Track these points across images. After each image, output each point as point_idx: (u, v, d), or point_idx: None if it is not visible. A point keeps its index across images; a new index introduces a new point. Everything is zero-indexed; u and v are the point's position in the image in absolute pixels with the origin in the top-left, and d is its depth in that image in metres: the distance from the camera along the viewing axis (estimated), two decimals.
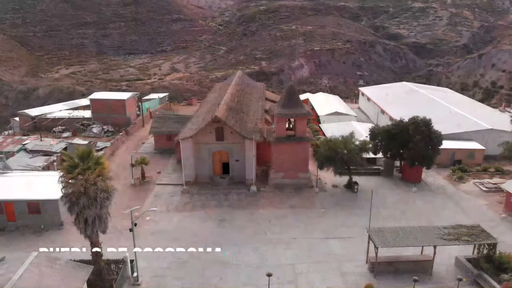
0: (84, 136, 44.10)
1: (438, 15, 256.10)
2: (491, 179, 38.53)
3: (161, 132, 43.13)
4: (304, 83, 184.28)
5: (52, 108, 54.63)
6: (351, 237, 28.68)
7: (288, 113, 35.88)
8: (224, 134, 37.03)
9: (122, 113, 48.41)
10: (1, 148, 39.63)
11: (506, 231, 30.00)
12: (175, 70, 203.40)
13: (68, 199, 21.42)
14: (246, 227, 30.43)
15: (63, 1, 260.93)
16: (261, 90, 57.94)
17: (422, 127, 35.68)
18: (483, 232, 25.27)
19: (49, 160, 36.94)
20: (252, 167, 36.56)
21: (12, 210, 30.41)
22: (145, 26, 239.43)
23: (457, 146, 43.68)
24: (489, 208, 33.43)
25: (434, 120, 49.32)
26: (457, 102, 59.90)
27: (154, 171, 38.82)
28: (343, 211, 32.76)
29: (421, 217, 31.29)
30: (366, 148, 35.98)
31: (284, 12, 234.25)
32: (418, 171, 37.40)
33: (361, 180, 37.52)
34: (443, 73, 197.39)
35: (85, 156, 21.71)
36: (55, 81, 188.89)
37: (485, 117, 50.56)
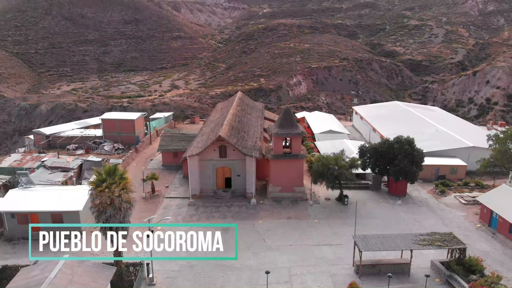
0: (97, 154, 48.31)
1: (434, 33, 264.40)
2: (470, 192, 42.71)
3: (168, 150, 47.45)
4: (302, 99, 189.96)
5: (65, 127, 59.01)
6: (340, 244, 32.67)
7: (285, 132, 40.27)
8: (227, 151, 41.34)
9: (132, 132, 52.83)
10: (22, 164, 43.75)
11: (479, 238, 34.05)
12: (175, 87, 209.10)
13: (96, 209, 25.51)
14: (247, 236, 34.35)
15: (65, 19, 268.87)
16: (260, 109, 62.52)
17: (405, 145, 40.04)
18: (454, 238, 29.37)
19: (67, 175, 41.09)
20: (252, 181, 40.73)
21: (37, 221, 34.32)
22: (145, 43, 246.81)
23: (441, 162, 48.00)
24: (466, 219, 37.53)
25: (421, 138, 54.03)
26: (445, 121, 64.54)
27: (162, 185, 42.94)
28: (334, 221, 36.80)
29: (403, 227, 35.34)
30: (355, 164, 40.26)
31: (282, 30, 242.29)
32: (403, 186, 41.61)
33: (351, 193, 41.71)
34: (439, 90, 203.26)
35: (112, 172, 25.93)
36: (57, 97, 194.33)
37: (469, 135, 54.96)
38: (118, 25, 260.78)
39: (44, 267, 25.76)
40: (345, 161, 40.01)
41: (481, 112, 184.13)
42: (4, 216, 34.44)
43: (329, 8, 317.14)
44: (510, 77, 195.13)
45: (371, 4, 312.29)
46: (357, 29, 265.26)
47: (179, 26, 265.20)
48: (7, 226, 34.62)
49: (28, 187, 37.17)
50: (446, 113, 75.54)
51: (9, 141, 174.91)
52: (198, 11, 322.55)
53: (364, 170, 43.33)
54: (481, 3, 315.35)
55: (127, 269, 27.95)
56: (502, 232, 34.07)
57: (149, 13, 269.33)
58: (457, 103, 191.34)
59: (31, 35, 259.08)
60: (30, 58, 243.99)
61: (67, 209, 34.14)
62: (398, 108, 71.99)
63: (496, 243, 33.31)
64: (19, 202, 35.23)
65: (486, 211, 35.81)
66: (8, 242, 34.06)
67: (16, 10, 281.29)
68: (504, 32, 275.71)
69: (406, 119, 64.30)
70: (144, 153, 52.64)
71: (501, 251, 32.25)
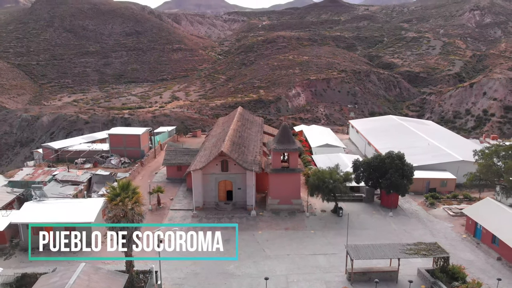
0: (104, 167, 51.17)
1: (431, 45, 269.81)
2: (459, 205, 45.52)
3: (172, 164, 50.35)
4: (301, 111, 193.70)
5: (73, 141, 61.94)
6: (334, 253, 35.38)
7: (282, 148, 43.27)
8: (229, 166, 44.25)
9: (137, 146, 55.78)
10: (34, 178, 46.55)
11: (464, 248, 36.79)
12: (176, 98, 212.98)
13: (111, 221, 28.30)
14: (247, 246, 37.06)
15: (67, 31, 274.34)
16: (260, 124, 65.65)
17: (396, 160, 43.00)
18: (438, 248, 32.13)
19: (77, 188, 43.87)
20: (252, 194, 43.57)
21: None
22: (146, 55, 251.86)
23: (432, 176, 50.93)
24: (453, 229, 40.30)
25: (414, 152, 57.08)
26: (438, 135, 67.68)
27: (167, 198, 45.73)
28: (329, 232, 39.54)
29: (394, 237, 38.08)
30: (348, 178, 43.16)
31: (281, 42, 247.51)
32: (394, 198, 44.43)
33: (346, 205, 44.52)
34: (436, 101, 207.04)
35: (125, 187, 28.80)
36: (58, 109, 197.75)
37: (460, 149, 57.92)
38: (119, 37, 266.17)
39: (63, 274, 28.38)
40: (339, 175, 42.91)
41: (478, 123, 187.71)
42: (20, 228, 37.15)
43: (328, 20, 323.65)
44: (506, 89, 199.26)
45: (369, 16, 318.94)
46: (355, 41, 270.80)
47: (180, 38, 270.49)
48: (22, 237, 37.31)
49: (42, 200, 39.91)
50: (439, 127, 78.67)
51: (10, 152, 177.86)
52: (198, 23, 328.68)
53: (358, 184, 46.18)
54: (478, 15, 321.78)
55: (137, 276, 30.61)
56: (486, 242, 36.82)
57: (150, 25, 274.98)
58: (454, 115, 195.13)
59: (32, 47, 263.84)
60: (31, 70, 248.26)
61: (79, 221, 36.82)
62: (393, 122, 75.17)
63: (480, 253, 36.02)
64: (34, 214, 37.95)
65: (471, 223, 38.61)
66: (24, 252, 36.70)
67: (18, 22, 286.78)
68: (501, 43, 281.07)
69: (400, 133, 67.40)
70: (149, 167, 55.55)
71: (484, 260, 34.94)
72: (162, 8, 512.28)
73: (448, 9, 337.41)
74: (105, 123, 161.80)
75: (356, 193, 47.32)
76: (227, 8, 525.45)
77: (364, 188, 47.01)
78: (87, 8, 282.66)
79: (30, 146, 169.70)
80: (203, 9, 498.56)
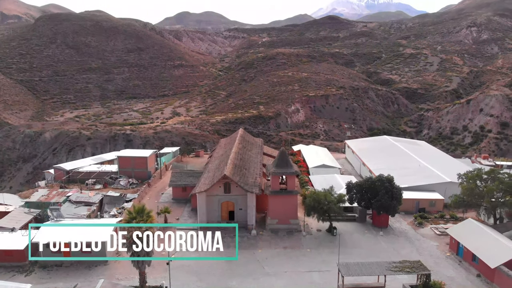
0: (114, 188, 55.05)
1: (429, 61, 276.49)
2: (445, 224, 49.32)
3: (178, 185, 54.31)
4: (300, 127, 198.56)
5: (82, 162, 65.99)
6: (328, 270, 39.06)
7: (281, 171, 47.32)
8: (231, 187, 48.24)
9: (144, 168, 59.82)
10: (49, 199, 50.42)
11: (447, 266, 40.50)
12: (177, 114, 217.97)
13: (128, 241, 32.13)
14: (248, 264, 40.75)
15: (69, 47, 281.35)
16: (260, 145, 69.85)
17: (386, 183, 46.99)
18: (421, 265, 35.91)
19: (90, 209, 47.72)
20: (253, 214, 47.43)
21: (69, 250, 40.74)
22: (148, 71, 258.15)
23: (421, 196, 54.85)
24: (438, 248, 44.04)
25: (405, 173, 61.12)
26: (429, 156, 71.78)
27: (173, 218, 49.51)
28: (324, 250, 43.26)
29: (383, 255, 41.75)
30: (342, 199, 47.09)
31: (281, 59, 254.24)
32: (385, 218, 48.27)
33: (340, 225, 48.31)
34: (434, 117, 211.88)
35: (140, 211, 32.74)
36: (61, 125, 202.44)
37: (449, 170, 61.76)
38: (121, 53, 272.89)
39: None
40: (333, 197, 46.84)
41: (475, 139, 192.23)
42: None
43: (327, 37, 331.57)
44: (503, 105, 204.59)
45: (367, 33, 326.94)
46: (353, 58, 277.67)
47: (181, 55, 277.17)
48: (42, 255, 40.95)
49: (59, 220, 43.76)
50: (431, 147, 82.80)
51: (13, 168, 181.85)
52: (199, 39, 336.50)
53: (351, 204, 50.06)
54: (475, 31, 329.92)
55: None
56: (467, 260, 40.55)
57: (151, 42, 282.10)
58: (451, 131, 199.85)
59: (35, 63, 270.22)
60: (34, 86, 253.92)
61: (94, 240, 40.56)
62: (387, 143, 79.38)
63: (462, 270, 39.72)
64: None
65: (454, 242, 42.38)
66: (43, 269, 40.42)
67: (21, 38, 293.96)
68: (498, 60, 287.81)
69: (393, 154, 71.54)
70: (155, 187, 59.47)
71: (465, 276, 38.64)
72: (163, 24, 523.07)
73: (445, 26, 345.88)
74: (107, 139, 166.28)
75: (349, 213, 51.19)
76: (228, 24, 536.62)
77: (357, 209, 50.83)
78: (89, 25, 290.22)
79: (33, 161, 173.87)
80: (204, 25, 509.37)
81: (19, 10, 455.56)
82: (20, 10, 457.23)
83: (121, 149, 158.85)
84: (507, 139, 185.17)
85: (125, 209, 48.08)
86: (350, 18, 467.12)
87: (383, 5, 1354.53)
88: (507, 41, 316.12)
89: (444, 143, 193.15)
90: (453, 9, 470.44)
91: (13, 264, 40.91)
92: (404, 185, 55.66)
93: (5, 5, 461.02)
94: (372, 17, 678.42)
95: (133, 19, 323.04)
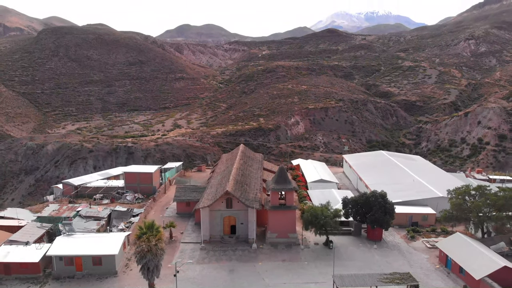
0: (121, 203, 58.12)
1: (427, 74, 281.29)
2: (436, 238, 52.27)
3: (182, 200, 57.42)
4: (300, 139, 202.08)
5: (90, 177, 69.14)
6: (324, 282, 41.98)
7: (280, 188, 50.50)
8: (233, 203, 51.34)
9: (150, 183, 63.00)
10: (60, 214, 53.47)
11: (436, 277, 43.43)
12: (178, 126, 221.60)
13: (139, 255, 35.19)
14: (249, 276, 43.65)
15: (71, 60, 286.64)
16: (260, 160, 73.11)
17: (379, 199, 50.12)
18: (410, 277, 38.88)
19: (99, 223, 50.76)
20: (253, 229, 50.44)
21: (80, 263, 43.76)
22: (149, 84, 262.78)
23: (414, 211, 57.88)
24: (429, 260, 46.98)
25: (399, 188, 64.25)
26: (423, 171, 74.95)
27: (178, 231, 52.51)
28: (321, 263, 46.19)
29: (376, 267, 44.70)
30: (337, 214, 50.17)
31: (281, 71, 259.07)
32: (379, 232, 51.27)
33: (336, 238, 51.31)
34: (432, 130, 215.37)
35: (150, 227, 35.87)
36: (63, 137, 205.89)
37: (441, 185, 64.77)
38: (122, 66, 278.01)
39: None
40: (330, 212, 49.93)
41: (473, 151, 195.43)
42: (54, 259, 43.84)
43: (326, 50, 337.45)
44: (500, 118, 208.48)
45: (366, 45, 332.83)
46: (352, 70, 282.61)
47: (182, 68, 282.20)
48: (55, 267, 43.93)
49: (70, 234, 46.79)
50: (426, 162, 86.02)
51: (15, 180, 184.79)
52: (200, 52, 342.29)
53: (347, 218, 53.12)
54: (473, 44, 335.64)
55: None
56: (455, 272, 43.48)
57: (153, 55, 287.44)
58: (450, 143, 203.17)
59: (37, 76, 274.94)
60: (36, 98, 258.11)
61: (105, 253, 43.63)
62: (382, 158, 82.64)
63: (449, 281, 42.63)
64: (65, 247, 44.73)
65: (443, 255, 45.35)
66: (56, 280, 43.27)
67: (24, 51, 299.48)
68: (496, 72, 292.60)
69: (388, 169, 74.75)
70: (160, 202, 62.54)
71: (452, 287, 41.51)
72: (164, 36, 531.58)
73: (443, 39, 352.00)
74: (108, 152, 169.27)
75: (345, 227, 54.19)
76: (228, 37, 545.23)
77: (353, 223, 53.85)
78: (91, 38, 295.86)
79: (35, 174, 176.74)
80: (204, 38, 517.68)
81: (22, 23, 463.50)
82: (23, 22, 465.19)
83: (123, 161, 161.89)
84: (505, 151, 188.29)
85: (132, 223, 51.15)
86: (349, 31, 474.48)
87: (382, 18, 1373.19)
88: (505, 54, 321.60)
89: (443, 155, 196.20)
90: (451, 22, 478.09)
91: (28, 276, 43.78)
92: (398, 199, 59.01)
93: (7, 17, 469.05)
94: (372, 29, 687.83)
95: (134, 32, 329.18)
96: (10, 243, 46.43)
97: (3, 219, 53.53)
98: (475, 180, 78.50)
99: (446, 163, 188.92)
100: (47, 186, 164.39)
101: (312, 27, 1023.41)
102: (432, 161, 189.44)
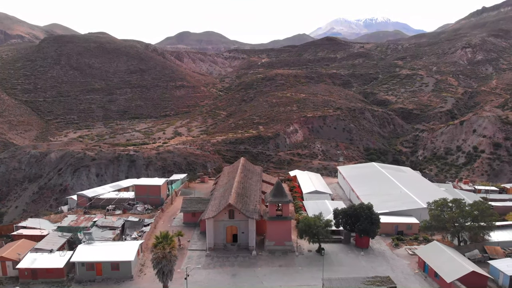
0: (132, 214, 64.50)
1: (424, 82, 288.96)
2: (418, 245, 58.65)
3: (188, 211, 63.84)
4: (299, 147, 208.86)
5: (102, 189, 75.54)
6: (316, 285, 48.33)
7: (277, 200, 56.98)
8: (235, 214, 57.78)
9: (158, 195, 69.44)
10: (78, 224, 59.78)
11: (414, 281, 49.81)
12: (178, 134, 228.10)
13: (155, 261, 41.54)
14: (249, 279, 49.97)
15: (73, 69, 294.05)
16: (259, 173, 79.60)
17: (366, 210, 56.60)
18: (389, 280, 45.34)
19: (114, 233, 57.09)
20: (253, 237, 56.85)
21: (100, 268, 50.08)
22: (150, 92, 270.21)
23: (399, 221, 64.33)
24: (409, 266, 53.37)
25: (387, 199, 70.76)
26: (411, 182, 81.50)
27: (185, 240, 58.87)
28: (313, 268, 52.55)
29: (362, 272, 51.06)
30: (328, 224, 56.64)
31: (280, 80, 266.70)
32: (366, 240, 57.68)
33: (328, 246, 57.73)
34: (428, 138, 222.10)
35: (165, 236, 42.27)
36: (66, 145, 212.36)
37: (426, 196, 71.06)
38: (123, 74, 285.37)
39: None
40: (322, 222, 56.37)
41: (468, 159, 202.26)
42: (77, 265, 50.16)
43: (324, 58, 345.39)
44: (495, 126, 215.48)
45: (364, 53, 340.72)
46: (351, 78, 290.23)
47: (182, 76, 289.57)
48: (78, 272, 50.22)
49: (90, 243, 53.15)
50: (415, 174, 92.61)
51: (19, 188, 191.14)
52: (200, 60, 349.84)
53: (337, 228, 59.55)
54: (470, 52, 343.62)
55: None
56: (431, 276, 49.87)
57: (153, 63, 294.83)
58: (446, 151, 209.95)
59: (40, 84, 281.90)
60: (38, 106, 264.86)
61: (122, 260, 49.98)
62: (374, 170, 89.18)
63: (426, 284, 48.99)
64: (86, 254, 51.06)
65: (421, 261, 51.74)
66: (78, 284, 49.56)
67: (26, 60, 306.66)
68: (492, 80, 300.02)
69: (378, 181, 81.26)
70: (167, 212, 68.92)
71: None
72: (164, 43, 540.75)
73: (440, 47, 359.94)
74: (111, 160, 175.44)
75: (336, 236, 60.61)
76: (228, 44, 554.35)
77: (343, 232, 60.26)
78: (93, 46, 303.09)
79: (38, 181, 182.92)
80: (204, 45, 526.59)
81: (23, 30, 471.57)
82: (24, 30, 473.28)
83: (125, 169, 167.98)
84: (500, 159, 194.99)
85: (144, 232, 57.53)
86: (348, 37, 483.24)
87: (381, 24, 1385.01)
88: (501, 62, 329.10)
89: (439, 163, 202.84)
90: (449, 29, 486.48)
91: (53, 280, 50.01)
92: (386, 210, 65.52)
93: (8, 24, 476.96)
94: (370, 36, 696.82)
95: (135, 41, 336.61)
96: (35, 251, 52.62)
97: (26, 229, 59.81)
98: (461, 191, 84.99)
99: (442, 171, 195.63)
100: (50, 194, 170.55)
101: (311, 34, 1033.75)
102: (428, 169, 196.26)
